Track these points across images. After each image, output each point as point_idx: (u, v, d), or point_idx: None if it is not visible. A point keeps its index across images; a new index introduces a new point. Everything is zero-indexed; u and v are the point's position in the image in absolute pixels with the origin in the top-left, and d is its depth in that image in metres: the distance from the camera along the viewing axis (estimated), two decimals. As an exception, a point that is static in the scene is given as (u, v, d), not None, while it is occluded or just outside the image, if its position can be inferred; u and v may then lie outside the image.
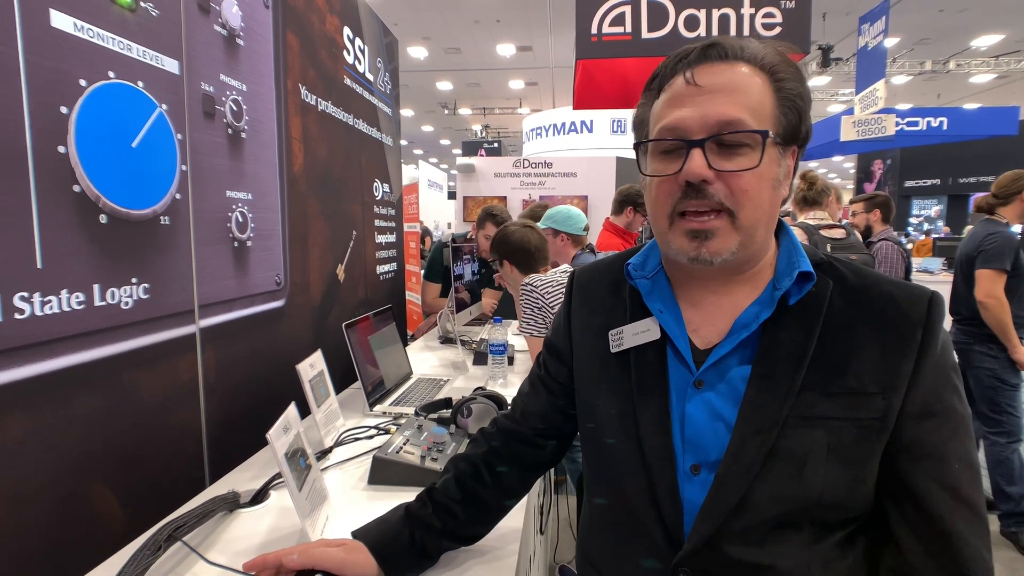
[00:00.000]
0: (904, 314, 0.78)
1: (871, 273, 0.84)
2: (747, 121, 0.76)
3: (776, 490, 0.75)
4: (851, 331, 0.78)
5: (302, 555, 0.94)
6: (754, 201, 0.77)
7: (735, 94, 0.76)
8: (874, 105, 7.48)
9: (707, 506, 0.77)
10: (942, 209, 14.59)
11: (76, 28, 1.16)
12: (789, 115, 0.79)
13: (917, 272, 7.25)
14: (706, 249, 0.78)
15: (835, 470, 0.75)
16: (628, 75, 4.09)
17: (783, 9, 3.48)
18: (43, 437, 1.11)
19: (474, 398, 1.67)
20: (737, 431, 0.77)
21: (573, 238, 3.25)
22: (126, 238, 1.29)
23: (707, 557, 0.78)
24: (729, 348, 0.81)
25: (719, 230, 0.77)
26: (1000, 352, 3.11)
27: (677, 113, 0.78)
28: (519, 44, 12.52)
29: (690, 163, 0.76)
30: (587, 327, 0.97)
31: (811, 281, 0.80)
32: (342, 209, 2.50)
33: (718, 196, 0.76)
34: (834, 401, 0.76)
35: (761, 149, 0.76)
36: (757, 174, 0.76)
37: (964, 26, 11.18)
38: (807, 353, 0.77)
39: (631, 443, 0.85)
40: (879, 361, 0.76)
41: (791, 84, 0.79)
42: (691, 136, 0.77)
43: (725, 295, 0.85)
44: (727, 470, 0.77)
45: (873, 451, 0.76)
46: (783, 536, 0.76)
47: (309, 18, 2.17)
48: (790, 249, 0.85)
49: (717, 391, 0.81)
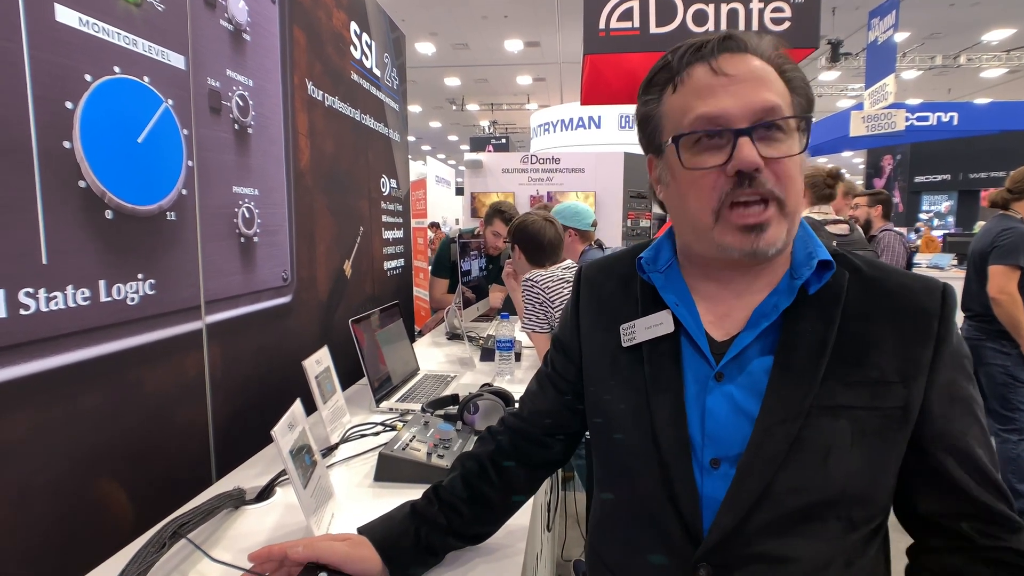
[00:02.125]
0: (920, 304, 0.79)
1: (884, 264, 0.85)
2: (783, 107, 0.76)
3: (800, 480, 0.75)
4: (869, 321, 0.79)
5: (307, 548, 0.94)
6: (796, 187, 0.78)
7: (766, 82, 0.77)
8: (884, 100, 7.42)
9: (730, 497, 0.76)
10: (952, 205, 14.48)
11: (81, 23, 1.16)
12: (803, 103, 0.80)
13: (927, 268, 7.20)
14: (763, 241, 0.76)
15: (859, 460, 0.75)
16: (636, 70, 4.06)
17: (792, 3, 3.45)
18: (49, 433, 1.11)
19: (481, 395, 1.67)
20: (760, 421, 0.76)
21: (581, 234, 3.24)
22: (132, 234, 1.29)
23: (728, 551, 0.77)
24: (751, 339, 0.80)
25: (772, 220, 0.76)
26: (1012, 349, 3.08)
27: (715, 103, 0.76)
28: (527, 40, 12.48)
29: (742, 152, 0.74)
30: (596, 322, 0.96)
31: (830, 270, 0.80)
32: (349, 205, 2.50)
33: (768, 184, 0.75)
34: (856, 391, 0.76)
35: (805, 135, 0.78)
36: (796, 161, 0.77)
37: (975, 20, 11.07)
38: (828, 342, 0.77)
39: (645, 438, 0.84)
40: (898, 351, 0.77)
41: (796, 74, 0.80)
42: (735, 125, 0.75)
43: (742, 286, 0.84)
44: (750, 460, 0.76)
45: (895, 440, 0.77)
46: (807, 530, 0.76)
47: (316, 13, 2.16)
48: (805, 238, 0.84)
49: (738, 384, 0.80)
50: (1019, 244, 2.99)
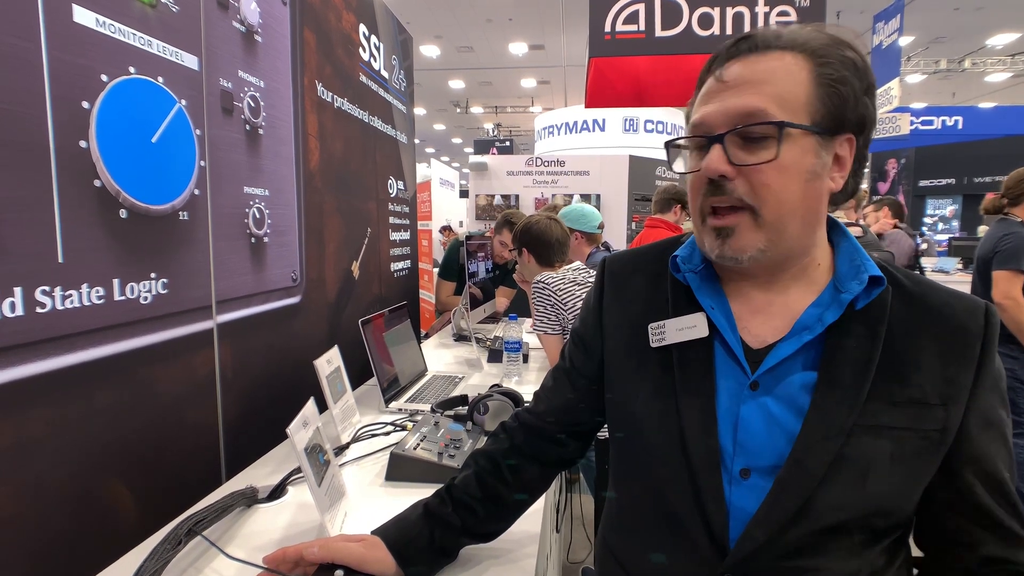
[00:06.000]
0: (963, 325, 0.78)
1: (925, 280, 0.83)
2: (770, 111, 0.73)
3: (838, 498, 0.74)
4: (912, 339, 0.77)
5: (322, 549, 0.94)
6: (778, 196, 0.75)
7: (760, 85, 0.75)
8: (888, 104, 7.43)
9: (764, 512, 0.75)
10: (957, 209, 14.44)
11: (98, 23, 1.16)
12: (830, 101, 0.75)
13: (932, 272, 7.19)
14: (729, 247, 0.77)
15: (896, 480, 0.75)
16: (641, 73, 4.07)
17: (797, 7, 3.45)
18: (65, 431, 1.11)
19: (491, 395, 1.67)
20: (802, 437, 0.75)
21: (587, 236, 3.24)
22: (145, 233, 1.30)
23: (757, 564, 0.76)
24: (792, 350, 0.78)
25: (739, 227, 0.76)
26: (1020, 353, 3.07)
27: (702, 110, 0.79)
28: (531, 42, 12.51)
29: (707, 159, 0.76)
30: (622, 319, 0.94)
31: (880, 287, 0.78)
32: (357, 206, 2.50)
33: (737, 192, 0.75)
34: (899, 411, 0.75)
35: (777, 141, 0.73)
36: (778, 167, 0.74)
37: (980, 24, 11.07)
38: (874, 360, 0.76)
39: (672, 443, 0.82)
40: (939, 371, 0.76)
41: (834, 68, 0.75)
42: (713, 132, 0.77)
43: (777, 293, 0.83)
44: (789, 476, 0.75)
45: (931, 462, 0.76)
46: (834, 543, 0.75)
47: (326, 15, 2.17)
48: (851, 251, 0.83)
49: (774, 395, 0.79)
50: (1021, 249, 2.98)
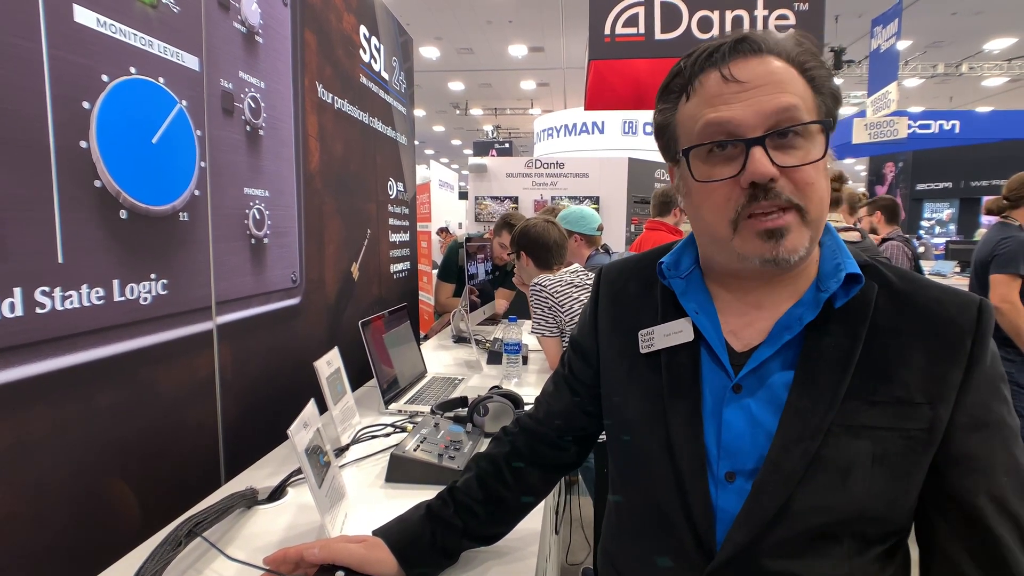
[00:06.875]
0: (953, 321, 0.75)
1: (917, 277, 0.80)
2: (802, 111, 0.73)
3: (817, 500, 0.73)
4: (897, 337, 0.75)
5: (323, 549, 0.94)
6: (819, 194, 0.74)
7: (782, 85, 0.73)
8: (886, 107, 7.45)
9: (744, 514, 0.74)
10: (954, 212, 14.48)
11: (99, 24, 1.16)
12: (827, 103, 0.76)
13: (929, 275, 7.20)
14: (783, 248, 0.73)
15: (879, 482, 0.72)
16: (641, 76, 4.08)
17: (796, 11, 3.47)
18: (64, 431, 1.11)
19: (491, 397, 1.67)
20: (778, 438, 0.74)
21: (587, 238, 3.24)
22: (146, 234, 1.29)
23: (741, 568, 0.75)
24: (771, 351, 0.78)
25: (792, 227, 0.73)
26: (1017, 356, 3.07)
27: (725, 111, 0.74)
28: (531, 45, 12.52)
29: (753, 163, 0.72)
30: (616, 326, 0.94)
31: (859, 284, 0.76)
32: (357, 207, 2.50)
33: (785, 193, 0.72)
34: (879, 410, 0.73)
35: (824, 139, 0.74)
36: (817, 166, 0.74)
37: (977, 29, 11.11)
38: (852, 359, 0.74)
39: (660, 447, 0.82)
40: (926, 369, 0.73)
41: (820, 72, 0.76)
42: (747, 134, 0.73)
43: (765, 296, 0.82)
44: (766, 477, 0.74)
45: (919, 463, 0.74)
46: (822, 549, 0.73)
47: (326, 16, 2.17)
48: (835, 249, 0.81)
49: (757, 397, 0.78)
50: (1019, 252, 2.98)
